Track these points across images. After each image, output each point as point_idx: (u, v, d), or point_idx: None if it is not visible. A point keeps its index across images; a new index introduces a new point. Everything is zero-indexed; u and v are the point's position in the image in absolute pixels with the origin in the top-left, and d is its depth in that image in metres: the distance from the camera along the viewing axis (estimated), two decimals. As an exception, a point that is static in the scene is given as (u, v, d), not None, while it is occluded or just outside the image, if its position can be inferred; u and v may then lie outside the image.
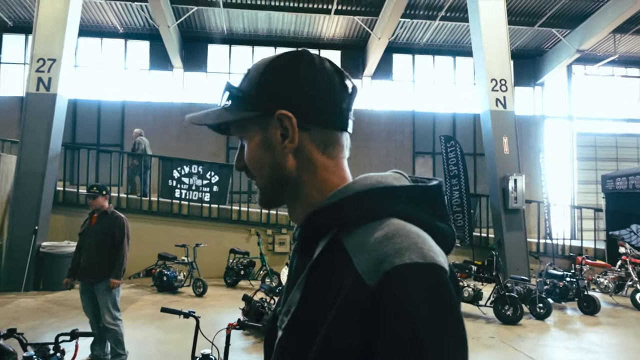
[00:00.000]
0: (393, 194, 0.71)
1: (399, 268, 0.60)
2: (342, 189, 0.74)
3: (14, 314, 6.54)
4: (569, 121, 16.12)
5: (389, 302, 0.59)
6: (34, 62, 8.52)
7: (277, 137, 0.76)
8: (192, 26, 14.03)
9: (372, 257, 0.63)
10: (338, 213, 0.71)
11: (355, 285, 0.62)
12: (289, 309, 0.71)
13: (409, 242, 0.63)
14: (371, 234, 0.66)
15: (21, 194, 8.35)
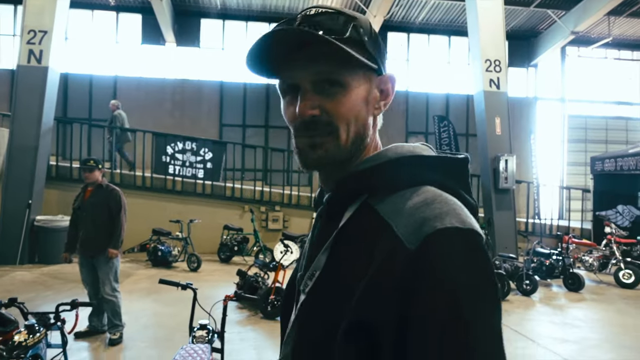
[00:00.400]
0: (426, 163, 0.72)
1: (440, 231, 0.61)
2: (375, 155, 0.75)
3: (9, 286, 6.61)
4: (561, 103, 16.22)
5: (430, 262, 0.59)
6: (24, 34, 8.38)
7: (376, 96, 0.76)
8: (186, 0, 13.78)
9: (412, 221, 0.63)
10: (371, 179, 0.72)
11: (394, 249, 0.62)
12: (313, 273, 0.71)
13: (448, 208, 0.64)
14: (408, 199, 0.67)
15: (14, 168, 8.32)
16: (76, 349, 4.32)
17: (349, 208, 0.72)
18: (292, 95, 0.75)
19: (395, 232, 0.64)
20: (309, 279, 0.72)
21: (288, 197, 10.69)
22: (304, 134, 0.74)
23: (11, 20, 13.85)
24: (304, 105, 0.72)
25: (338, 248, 0.70)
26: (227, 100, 14.45)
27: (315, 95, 0.72)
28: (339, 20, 0.72)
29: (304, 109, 0.72)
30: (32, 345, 2.94)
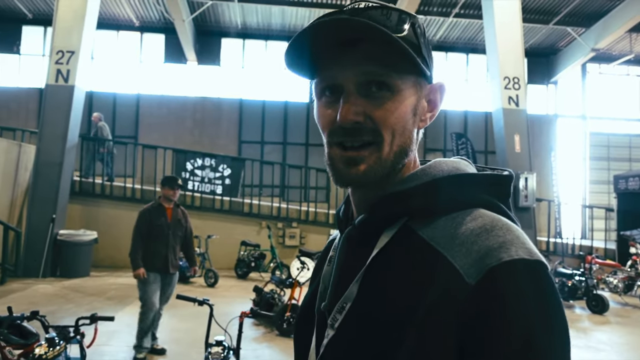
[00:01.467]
0: (474, 181, 0.65)
1: (507, 264, 0.54)
2: (417, 173, 0.66)
3: (32, 299, 6.74)
4: (582, 120, 15.98)
5: (497, 300, 0.53)
6: (53, 54, 8.70)
7: (424, 107, 0.68)
8: (207, 20, 14.14)
9: (472, 251, 0.56)
10: (414, 200, 0.64)
11: (450, 282, 0.55)
12: (343, 306, 0.64)
13: (511, 236, 0.57)
14: (461, 224, 0.59)
15: (40, 184, 8.56)
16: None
17: (386, 232, 0.64)
18: (332, 98, 0.65)
19: (451, 263, 0.56)
20: (338, 312, 0.64)
21: (305, 213, 10.71)
22: (341, 141, 0.64)
23: (40, 41, 14.40)
24: (347, 109, 0.62)
25: (373, 277, 0.62)
26: (246, 118, 14.66)
27: (360, 98, 0.63)
28: (394, 17, 0.62)
29: (347, 113, 0.62)
30: (52, 358, 2.99)
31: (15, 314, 3.14)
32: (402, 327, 0.57)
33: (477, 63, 15.56)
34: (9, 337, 2.97)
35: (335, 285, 0.68)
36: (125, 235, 9.86)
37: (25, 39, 14.42)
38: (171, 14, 12.30)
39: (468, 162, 0.70)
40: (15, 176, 8.84)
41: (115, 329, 5.14)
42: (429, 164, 0.68)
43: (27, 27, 14.32)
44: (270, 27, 14.50)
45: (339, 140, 0.64)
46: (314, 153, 14.73)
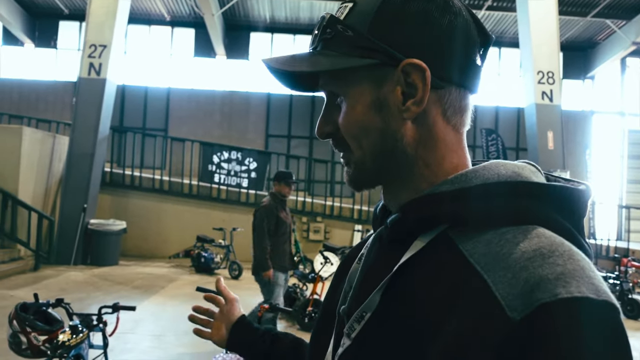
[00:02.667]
0: (536, 192, 0.53)
1: (564, 302, 0.43)
2: (468, 173, 0.56)
3: (63, 285, 6.98)
4: (621, 117, 15.33)
5: (544, 346, 0.43)
6: (86, 48, 8.93)
7: (395, 97, 0.57)
8: (236, 14, 14.23)
9: (519, 279, 0.46)
10: (455, 206, 0.54)
11: (487, 312, 0.46)
12: (362, 315, 0.57)
13: (574, 266, 0.46)
14: (511, 243, 0.49)
15: (72, 174, 8.83)
16: (118, 350, 4.48)
17: (421, 237, 0.56)
18: None
19: (491, 290, 0.47)
20: (356, 321, 0.58)
21: (330, 208, 10.68)
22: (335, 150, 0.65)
23: (76, 36, 14.82)
24: (318, 124, 0.63)
25: (399, 287, 0.55)
26: (274, 112, 14.72)
27: (331, 109, 0.62)
28: (319, 26, 0.61)
29: (318, 127, 0.63)
30: (75, 345, 3.06)
31: (41, 300, 3.24)
32: (422, 349, 0.49)
33: (510, 57, 15.12)
34: (35, 323, 3.05)
35: (359, 289, 0.62)
36: (152, 226, 10.14)
37: (62, 34, 14.87)
38: (201, 9, 12.43)
39: (536, 169, 0.58)
40: (50, 167, 9.14)
41: (140, 317, 5.25)
42: (484, 164, 0.58)
43: (64, 22, 14.76)
44: (298, 21, 14.47)
45: None
46: (341, 148, 14.66)
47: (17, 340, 3.01)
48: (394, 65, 0.56)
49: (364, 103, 0.58)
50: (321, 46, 0.59)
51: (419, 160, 0.59)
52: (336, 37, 0.58)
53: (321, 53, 0.59)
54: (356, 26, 0.57)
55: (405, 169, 0.59)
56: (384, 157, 0.59)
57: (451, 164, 0.59)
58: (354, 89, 0.59)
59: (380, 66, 0.57)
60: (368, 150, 0.59)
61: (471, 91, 0.61)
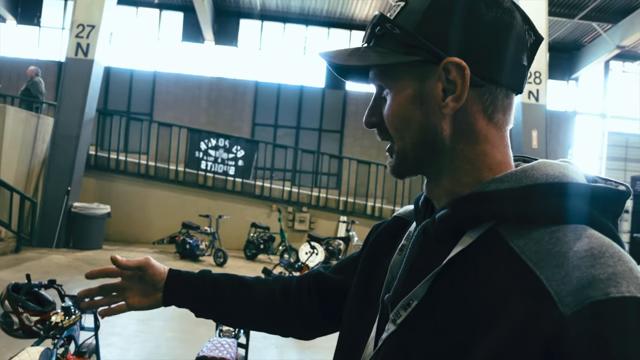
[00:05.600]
0: (583, 193, 0.57)
1: (615, 301, 0.47)
2: (518, 173, 0.59)
3: (46, 268, 6.89)
4: (602, 119, 15.72)
5: (594, 340, 0.46)
6: (74, 28, 8.73)
7: (436, 92, 0.61)
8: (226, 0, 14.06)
9: (572, 277, 0.49)
10: (510, 204, 0.57)
11: (539, 306, 0.49)
12: (409, 302, 0.60)
13: (623, 268, 0.49)
14: (562, 242, 0.53)
15: (57, 155, 8.67)
16: (107, 333, 4.48)
17: (469, 233, 0.58)
18: None
19: (544, 285, 0.50)
20: (402, 308, 0.61)
21: (316, 198, 10.74)
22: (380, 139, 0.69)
23: (60, 14, 14.44)
24: (366, 113, 0.69)
25: (447, 278, 0.58)
26: (261, 100, 14.64)
27: (378, 101, 0.67)
28: (370, 23, 0.66)
29: (365, 118, 0.69)
30: (68, 326, 3.06)
31: (33, 281, 3.21)
32: (473, 338, 0.52)
33: (498, 55, 15.31)
34: (27, 304, 3.03)
35: (404, 279, 0.64)
36: (137, 211, 10.05)
37: (46, 11, 14.47)
38: (191, -8, 12.25)
39: (576, 168, 0.61)
40: (33, 147, 8.96)
41: (127, 302, 5.23)
42: (532, 164, 0.60)
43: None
44: (289, 10, 14.37)
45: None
46: (327, 139, 14.70)
47: (9, 320, 2.99)
48: (437, 62, 0.60)
49: (407, 97, 0.62)
50: (373, 42, 0.64)
51: (459, 153, 0.62)
52: (385, 35, 0.63)
53: (372, 49, 0.64)
54: (404, 25, 0.61)
55: (446, 161, 0.63)
56: (424, 148, 0.63)
57: (494, 160, 0.62)
58: (398, 84, 0.63)
59: (423, 63, 0.61)
60: (409, 142, 0.63)
61: (515, 91, 0.63)
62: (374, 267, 0.76)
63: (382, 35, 0.63)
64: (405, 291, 0.62)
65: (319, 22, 14.67)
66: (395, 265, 0.68)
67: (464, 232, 0.59)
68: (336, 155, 13.20)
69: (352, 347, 0.70)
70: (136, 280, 0.93)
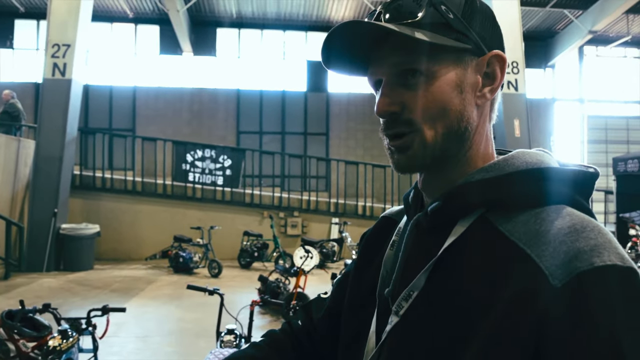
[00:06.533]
0: (560, 177, 0.61)
1: (599, 270, 0.51)
2: (500, 162, 0.63)
3: (38, 292, 6.77)
4: (580, 104, 15.99)
5: (582, 306, 0.50)
6: (49, 48, 8.62)
7: (476, 82, 0.63)
8: (201, 10, 14.01)
9: (559, 252, 0.53)
10: (494, 192, 0.61)
11: (532, 281, 0.53)
12: (410, 294, 0.62)
13: (603, 239, 0.54)
14: (546, 222, 0.57)
15: (40, 178, 8.54)
16: (106, 353, 4.42)
17: (460, 222, 0.61)
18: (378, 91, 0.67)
19: (536, 262, 0.54)
20: (404, 299, 0.63)
21: (306, 202, 10.74)
22: (386, 132, 0.65)
23: (34, 35, 14.25)
24: (381, 102, 0.63)
25: (445, 267, 0.61)
26: (244, 108, 14.61)
27: (397, 88, 0.63)
28: (407, 4, 0.62)
29: (380, 105, 0.63)
30: (66, 349, 3.02)
31: (27, 307, 3.16)
32: (473, 320, 0.55)
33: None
34: (22, 330, 2.99)
35: (402, 272, 0.66)
36: (126, 228, 9.94)
37: (18, 33, 14.27)
38: (165, 5, 12.18)
39: (550, 155, 0.66)
40: (16, 171, 8.81)
41: (122, 320, 5.17)
42: (512, 154, 0.64)
43: (20, 20, 14.16)
44: (265, 16, 14.38)
45: (385, 131, 0.66)
46: (313, 142, 14.71)
47: (5, 348, 2.94)
48: (478, 54, 0.63)
49: (450, 84, 0.62)
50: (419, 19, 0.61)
51: (473, 145, 0.65)
52: (434, 15, 0.61)
53: (418, 26, 0.60)
54: (447, 14, 0.61)
55: (462, 153, 0.65)
56: (454, 138, 0.63)
57: (488, 152, 0.67)
58: (442, 69, 0.62)
59: (468, 52, 0.63)
60: (441, 131, 0.62)
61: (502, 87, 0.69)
62: (366, 268, 0.78)
63: (427, 14, 0.61)
64: (404, 283, 0.64)
65: (297, 27, 14.70)
66: (389, 260, 0.71)
67: (455, 222, 0.62)
68: (323, 157, 13.22)
69: (352, 345, 0.72)
70: None
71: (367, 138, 14.48)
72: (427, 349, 0.59)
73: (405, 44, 0.61)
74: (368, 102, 14.44)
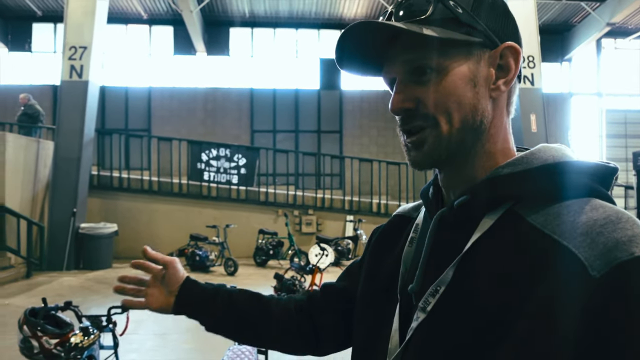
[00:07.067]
0: (585, 170, 0.61)
1: (639, 260, 0.51)
2: (527, 156, 0.63)
3: (58, 291, 6.90)
4: (598, 97, 15.70)
5: (624, 297, 0.50)
6: (66, 50, 8.77)
7: (489, 75, 0.63)
8: (215, 10, 14.10)
9: (598, 243, 0.53)
10: (522, 185, 0.61)
11: (571, 273, 0.52)
12: (437, 289, 0.61)
13: (639, 230, 0.53)
14: (580, 213, 0.56)
15: (60, 179, 8.71)
16: (126, 350, 4.49)
17: (488, 216, 0.61)
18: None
19: (574, 253, 0.53)
20: (431, 295, 0.62)
21: (321, 200, 10.75)
22: (403, 128, 0.66)
23: (51, 38, 14.49)
24: (395, 98, 0.64)
25: (474, 261, 0.60)
26: (258, 107, 14.67)
27: (410, 85, 0.64)
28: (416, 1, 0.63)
29: (394, 102, 0.64)
30: (88, 346, 3.08)
31: (49, 305, 3.23)
32: (506, 315, 0.54)
33: (489, 43, 15.32)
34: (45, 327, 3.05)
35: (425, 268, 0.65)
36: (143, 227, 10.06)
37: (36, 37, 14.53)
38: (179, 5, 12.27)
39: (572, 150, 0.66)
40: (36, 172, 8.99)
41: (141, 318, 5.24)
42: (538, 147, 0.65)
43: (37, 24, 14.42)
44: (278, 15, 14.41)
45: (401, 127, 0.66)
46: (326, 140, 14.71)
47: (29, 345, 3.01)
48: (491, 46, 0.63)
49: (462, 77, 0.62)
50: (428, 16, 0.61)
51: (491, 138, 0.65)
52: (443, 11, 0.61)
53: (427, 23, 0.61)
54: (455, 8, 0.62)
55: (480, 146, 0.65)
56: (470, 132, 0.63)
57: (508, 146, 0.67)
58: (454, 63, 0.62)
59: (480, 45, 0.63)
60: (457, 125, 0.62)
61: (520, 80, 0.69)
62: (379, 265, 0.77)
63: (435, 10, 0.61)
64: (429, 279, 0.63)
65: (309, 24, 14.70)
66: (409, 257, 0.70)
67: (480, 217, 0.61)
68: (337, 155, 13.22)
69: (371, 344, 0.71)
70: (159, 280, 0.93)
71: (381, 135, 14.43)
72: (455, 345, 0.58)
73: (415, 42, 0.62)
74: (381, 99, 14.38)
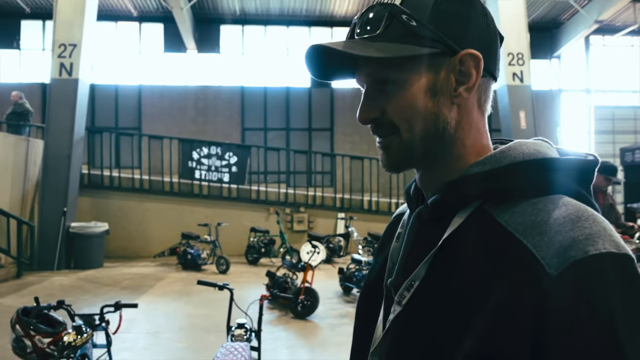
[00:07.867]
0: (558, 166, 0.62)
1: (593, 258, 0.52)
2: (497, 155, 0.64)
3: (49, 290, 6.87)
4: (587, 94, 15.88)
5: (578, 294, 0.51)
6: (55, 48, 8.70)
7: (450, 83, 0.64)
8: (205, 7, 14.03)
9: (555, 241, 0.54)
10: (491, 184, 0.62)
11: (529, 271, 0.54)
12: (411, 284, 0.64)
13: (598, 228, 0.55)
14: (543, 212, 0.58)
15: (50, 177, 8.65)
16: (119, 349, 4.49)
17: (459, 214, 0.63)
18: None
19: (532, 252, 0.55)
20: (405, 289, 0.65)
21: (312, 198, 10.78)
22: (374, 134, 0.69)
23: (40, 35, 14.34)
24: (360, 109, 0.67)
25: (444, 258, 0.62)
26: (248, 105, 14.64)
27: (376, 95, 0.66)
28: (375, 14, 0.64)
29: (360, 113, 0.67)
30: (81, 345, 3.08)
31: (41, 304, 3.23)
32: (471, 310, 0.56)
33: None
34: (38, 326, 3.05)
35: (404, 263, 0.68)
36: (135, 226, 10.04)
37: (25, 34, 14.36)
38: (169, 2, 12.20)
39: (549, 144, 0.67)
40: (25, 171, 8.92)
41: (133, 316, 5.26)
42: (509, 145, 0.65)
43: (26, 21, 14.24)
44: (269, 12, 14.37)
45: (373, 134, 0.69)
46: (317, 138, 14.73)
47: (22, 344, 3.01)
48: (451, 54, 0.63)
49: (421, 88, 0.63)
50: (380, 32, 0.63)
51: (458, 141, 0.66)
52: (397, 25, 0.62)
53: (380, 39, 0.62)
54: (417, 16, 0.62)
55: (447, 150, 0.66)
56: (433, 139, 0.65)
57: (481, 145, 0.67)
58: (411, 75, 0.63)
59: (438, 55, 0.63)
60: (419, 133, 0.64)
61: (495, 79, 0.69)
62: (377, 261, 0.82)
63: (389, 25, 0.62)
64: (407, 274, 0.66)
65: (300, 22, 14.68)
66: (395, 252, 0.73)
67: (452, 215, 0.63)
68: (328, 153, 13.24)
69: (365, 333, 0.75)
70: None
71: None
72: (429, 337, 0.60)
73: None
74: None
